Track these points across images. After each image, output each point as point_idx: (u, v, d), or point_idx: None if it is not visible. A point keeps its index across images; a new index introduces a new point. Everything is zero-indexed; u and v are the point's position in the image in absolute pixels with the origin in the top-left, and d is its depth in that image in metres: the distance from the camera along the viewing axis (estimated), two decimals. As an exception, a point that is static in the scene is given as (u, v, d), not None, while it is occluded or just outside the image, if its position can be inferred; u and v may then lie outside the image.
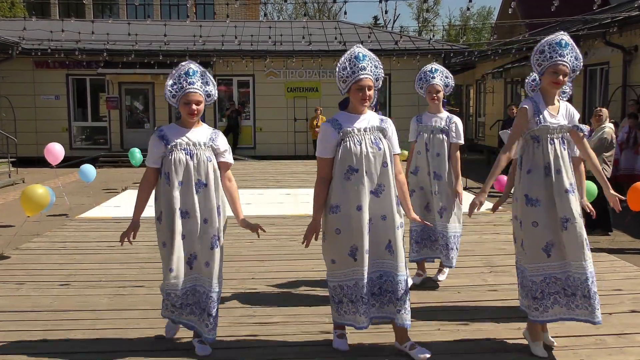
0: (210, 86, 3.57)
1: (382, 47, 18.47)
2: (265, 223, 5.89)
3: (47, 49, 17.15)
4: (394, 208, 3.43)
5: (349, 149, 3.37)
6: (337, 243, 3.43)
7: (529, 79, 4.47)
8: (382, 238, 3.42)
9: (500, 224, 7.58)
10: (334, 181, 3.43)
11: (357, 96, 3.40)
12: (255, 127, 19.09)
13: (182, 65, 3.54)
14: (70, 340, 3.87)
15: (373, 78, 3.44)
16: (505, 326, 4.07)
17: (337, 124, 3.43)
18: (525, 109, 3.55)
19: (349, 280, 3.45)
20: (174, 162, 3.46)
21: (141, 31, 17.51)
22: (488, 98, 21.46)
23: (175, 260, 3.46)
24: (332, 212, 3.42)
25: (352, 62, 3.41)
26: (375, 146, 3.40)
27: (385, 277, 3.45)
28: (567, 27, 15.47)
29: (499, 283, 5.11)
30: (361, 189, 3.35)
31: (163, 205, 3.50)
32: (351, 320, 3.50)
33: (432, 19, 45.62)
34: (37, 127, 18.58)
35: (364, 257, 3.38)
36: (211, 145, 3.56)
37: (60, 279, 5.24)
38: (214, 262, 3.53)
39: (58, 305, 4.55)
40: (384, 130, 3.48)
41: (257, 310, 4.44)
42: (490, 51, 19.38)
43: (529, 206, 3.51)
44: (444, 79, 4.84)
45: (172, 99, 3.50)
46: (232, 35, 16.84)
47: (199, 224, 3.49)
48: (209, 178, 3.50)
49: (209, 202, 3.50)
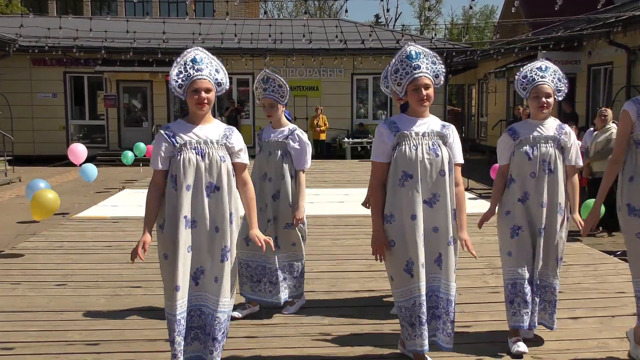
0: (221, 74, 3.20)
1: (384, 46, 18.48)
2: (265, 223, 5.88)
3: (44, 46, 17.14)
4: (449, 221, 3.22)
5: (404, 153, 3.19)
6: (392, 257, 3.24)
7: (519, 75, 3.75)
8: (432, 250, 3.23)
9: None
10: (387, 188, 3.26)
11: (414, 97, 3.23)
12: (254, 126, 19.09)
13: (187, 51, 3.17)
14: (66, 341, 3.87)
15: (431, 75, 3.25)
16: (507, 327, 4.06)
17: (395, 127, 3.25)
18: (627, 112, 3.43)
19: (406, 300, 3.24)
20: (183, 163, 3.07)
21: (140, 29, 17.50)
22: (490, 98, 21.46)
23: (180, 276, 3.06)
24: (386, 222, 3.24)
25: (404, 62, 3.28)
26: (433, 152, 3.21)
27: (431, 292, 3.27)
28: (571, 26, 15.49)
29: (501, 285, 5.09)
30: (415, 196, 3.17)
31: (167, 212, 3.11)
32: (413, 347, 3.26)
33: (434, 18, 45.67)
34: (34, 126, 18.59)
35: (419, 272, 3.17)
36: (225, 143, 3.17)
37: (57, 279, 5.24)
38: (224, 277, 3.14)
39: (54, 306, 4.55)
40: (445, 137, 3.26)
41: (255, 311, 4.44)
42: (492, 50, 19.39)
43: (633, 216, 3.40)
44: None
45: (178, 89, 3.12)
46: (232, 33, 16.84)
47: (209, 234, 3.11)
48: (221, 180, 3.12)
49: (221, 208, 3.12)
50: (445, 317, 3.27)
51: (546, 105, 3.60)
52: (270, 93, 4.27)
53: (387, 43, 19.03)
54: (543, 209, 3.59)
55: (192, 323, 3.17)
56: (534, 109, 3.68)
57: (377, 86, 19.80)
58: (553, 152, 3.61)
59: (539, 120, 3.68)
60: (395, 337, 3.78)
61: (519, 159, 3.63)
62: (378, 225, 3.26)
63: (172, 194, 3.10)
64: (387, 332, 3.98)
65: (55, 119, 18.79)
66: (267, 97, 4.27)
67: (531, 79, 3.66)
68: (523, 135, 3.66)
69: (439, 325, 3.28)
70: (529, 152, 3.61)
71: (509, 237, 3.66)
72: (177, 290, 3.05)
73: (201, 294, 3.16)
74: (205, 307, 3.16)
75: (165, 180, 3.14)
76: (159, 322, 3.97)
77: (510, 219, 3.66)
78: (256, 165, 4.33)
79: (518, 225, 3.64)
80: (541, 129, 3.65)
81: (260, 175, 4.28)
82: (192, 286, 3.14)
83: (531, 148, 3.62)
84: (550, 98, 3.61)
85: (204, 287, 3.15)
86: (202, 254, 3.12)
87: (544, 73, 3.66)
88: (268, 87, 4.28)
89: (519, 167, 3.64)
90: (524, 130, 3.68)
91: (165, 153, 3.12)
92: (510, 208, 3.67)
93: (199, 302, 3.17)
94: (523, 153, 3.62)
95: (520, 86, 3.72)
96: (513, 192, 3.66)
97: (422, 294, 3.19)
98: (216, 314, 3.12)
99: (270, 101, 4.27)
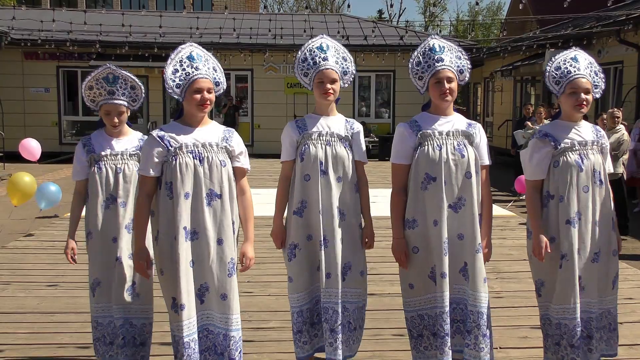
0: (219, 72, 3.09)
1: (387, 42, 18.49)
2: (262, 224, 5.88)
3: (37, 40, 17.13)
4: (475, 227, 3.07)
5: (427, 153, 3.06)
6: (415, 264, 3.14)
7: (550, 67, 3.27)
8: (457, 259, 3.09)
9: (507, 229, 7.57)
10: (409, 191, 3.13)
11: (436, 91, 3.09)
12: (253, 123, 19.10)
13: (181, 47, 3.03)
14: (57, 343, 3.87)
15: (455, 70, 3.13)
16: (512, 334, 4.07)
17: (416, 125, 3.13)
18: None
19: (430, 308, 3.12)
20: (179, 168, 2.90)
21: (135, 22, 17.52)
22: (496, 97, 21.45)
23: (184, 294, 2.88)
24: (408, 228, 3.14)
25: (427, 54, 3.15)
26: (458, 153, 3.06)
27: (456, 304, 3.12)
28: (580, 24, 15.49)
29: (506, 290, 5.11)
30: (439, 200, 3.04)
31: (162, 224, 2.95)
32: (433, 358, 3.13)
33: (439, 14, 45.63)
34: (25, 121, 18.57)
35: (442, 282, 3.04)
36: (225, 147, 3.03)
37: (48, 280, 5.24)
38: (233, 293, 3.00)
39: (45, 307, 4.55)
40: (471, 136, 3.12)
41: (252, 315, 4.44)
42: (499, 48, 19.39)
43: None
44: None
45: (176, 89, 2.95)
46: (231, 27, 16.84)
47: (212, 246, 2.95)
48: (223, 187, 2.98)
49: (224, 217, 2.98)
50: (476, 332, 3.06)
51: (585, 103, 3.13)
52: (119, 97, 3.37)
53: (390, 40, 19.04)
54: (596, 227, 3.17)
55: (200, 346, 3.00)
56: (569, 108, 3.17)
57: (380, 84, 19.84)
58: (600, 159, 3.20)
59: (573, 121, 3.21)
60: (395, 342, 3.77)
61: (566, 170, 3.12)
62: (399, 232, 3.15)
63: (167, 203, 2.93)
64: (388, 337, 3.98)
65: (47, 114, 18.78)
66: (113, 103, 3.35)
67: (566, 71, 3.17)
68: (564, 141, 3.16)
69: (470, 341, 3.07)
70: (579, 161, 3.13)
71: (555, 267, 3.16)
72: (183, 309, 2.88)
73: (207, 312, 3.01)
74: (212, 325, 3.02)
75: (156, 188, 2.98)
76: (154, 325, 3.96)
77: (555, 246, 3.15)
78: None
79: (564, 253, 3.12)
80: (579, 132, 3.20)
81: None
82: (197, 304, 2.97)
83: (580, 157, 3.14)
84: (589, 95, 3.15)
85: (209, 305, 3.00)
86: (205, 269, 2.96)
87: (579, 65, 3.19)
88: (117, 88, 3.38)
89: (566, 180, 3.11)
90: (561, 134, 3.18)
91: (158, 157, 2.93)
92: (554, 233, 3.16)
93: (205, 322, 3.02)
94: (573, 163, 3.12)
95: (553, 80, 3.20)
96: (557, 213, 3.14)
97: (446, 304, 3.04)
98: (230, 333, 2.99)
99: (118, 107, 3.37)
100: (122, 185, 3.30)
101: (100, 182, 3.28)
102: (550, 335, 3.22)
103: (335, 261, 3.19)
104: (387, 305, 4.56)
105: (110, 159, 3.31)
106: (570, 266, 3.09)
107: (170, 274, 2.91)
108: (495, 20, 42.43)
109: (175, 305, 2.91)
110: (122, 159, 3.33)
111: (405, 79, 18.60)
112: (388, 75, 19.47)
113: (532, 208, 3.23)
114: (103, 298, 3.30)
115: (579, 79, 3.13)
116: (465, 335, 3.09)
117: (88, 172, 3.33)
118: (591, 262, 3.15)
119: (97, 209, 3.29)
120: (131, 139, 3.42)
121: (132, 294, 3.29)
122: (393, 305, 4.51)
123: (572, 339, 3.11)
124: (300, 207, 3.26)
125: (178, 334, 2.91)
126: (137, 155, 3.34)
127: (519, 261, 6.05)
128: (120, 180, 3.30)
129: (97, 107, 3.38)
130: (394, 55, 18.28)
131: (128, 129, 3.45)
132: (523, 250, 6.43)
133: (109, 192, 3.29)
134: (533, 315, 4.37)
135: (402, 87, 18.99)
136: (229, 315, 2.99)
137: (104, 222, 3.29)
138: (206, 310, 3.00)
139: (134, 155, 3.36)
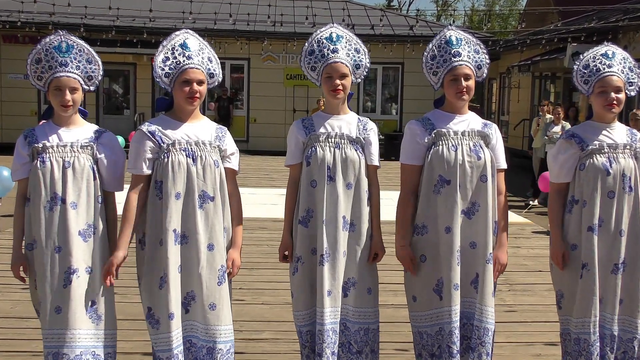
0: (214, 63, 3.05)
1: (396, 33, 18.48)
2: (257, 227, 5.90)
3: (16, 22, 17.14)
4: (489, 235, 3.06)
5: (442, 154, 3.03)
6: (420, 274, 3.11)
7: (579, 64, 3.30)
8: (469, 270, 3.08)
9: (522, 237, 7.57)
10: (420, 195, 3.11)
11: (452, 89, 3.08)
12: (248, 117, 19.10)
13: (176, 34, 3.01)
14: (31, 351, 3.87)
15: (473, 65, 3.12)
16: (525, 351, 4.07)
17: (429, 124, 3.11)
18: None
19: (430, 326, 3.10)
20: (171, 166, 2.88)
21: (123, 5, 17.50)
22: (513, 94, 21.45)
23: (173, 302, 2.87)
24: (417, 234, 3.12)
25: (442, 48, 3.12)
26: (474, 154, 3.05)
27: (465, 319, 3.10)
28: (605, 17, 15.49)
29: (519, 303, 5.11)
30: (453, 205, 3.02)
31: (149, 225, 2.93)
32: None
33: (452, 3, 45.68)
34: (2, 110, 18.58)
35: (451, 294, 3.01)
36: (218, 146, 3.02)
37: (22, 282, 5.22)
38: (224, 302, 2.97)
39: (19, 311, 4.54)
40: (487, 137, 3.12)
41: (244, 325, 4.44)
42: (517, 41, 19.40)
43: None
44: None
45: (165, 79, 2.93)
46: (227, 13, 16.88)
47: (202, 252, 2.93)
48: (216, 189, 2.97)
49: (216, 222, 2.97)
50: (480, 349, 3.05)
51: (616, 102, 3.14)
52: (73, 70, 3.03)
53: (399, 29, 19.03)
54: (622, 237, 3.15)
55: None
56: (599, 108, 3.20)
57: (387, 77, 19.84)
58: (633, 164, 3.18)
59: (605, 122, 3.23)
60: (399, 357, 3.77)
61: (592, 174, 3.13)
62: (404, 239, 3.13)
63: (155, 204, 2.92)
64: (390, 352, 3.98)
65: (26, 102, 18.74)
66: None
67: (595, 69, 3.19)
68: (592, 142, 3.17)
69: (474, 359, 3.06)
70: (607, 165, 3.14)
71: (575, 278, 3.17)
72: (172, 319, 2.86)
73: (191, 322, 2.98)
74: (195, 337, 2.98)
75: (148, 187, 2.96)
76: (138, 333, 3.96)
77: (576, 255, 3.18)
78: None
79: (584, 263, 3.14)
80: (611, 133, 3.21)
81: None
82: (182, 314, 2.95)
83: (608, 160, 3.15)
84: (620, 93, 3.15)
85: (194, 315, 2.97)
86: (193, 276, 2.93)
87: (610, 61, 3.19)
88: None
89: (591, 185, 3.13)
90: (590, 135, 3.19)
91: (150, 154, 2.92)
92: (576, 240, 3.18)
93: (188, 333, 2.98)
94: (600, 166, 3.13)
95: (581, 79, 3.23)
96: (579, 219, 3.17)
97: (455, 320, 3.01)
98: (217, 346, 2.94)
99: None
100: (71, 182, 2.92)
101: (44, 177, 2.90)
102: (569, 353, 3.21)
103: (337, 277, 3.09)
104: (389, 317, 4.55)
105: (57, 150, 2.93)
106: (591, 276, 3.11)
107: (151, 281, 2.91)
108: (514, 10, 42.44)
109: (151, 317, 2.90)
110: (71, 151, 2.94)
111: (414, 72, 18.61)
112: (396, 67, 19.47)
113: (552, 213, 3.28)
114: (57, 324, 2.91)
115: (609, 77, 3.15)
116: (469, 353, 3.07)
117: (30, 169, 2.97)
118: (610, 273, 3.14)
119: (39, 211, 2.92)
120: (85, 130, 3.05)
121: (94, 316, 2.96)
122: (397, 317, 4.51)
123: (590, 356, 3.09)
124: (305, 216, 3.17)
125: (166, 348, 2.87)
126: (90, 148, 2.98)
127: (533, 272, 6.05)
128: (68, 176, 2.92)
129: (44, 86, 2.98)
130: (403, 47, 18.27)
131: (82, 120, 3.10)
132: (538, 261, 6.43)
133: (53, 191, 2.90)
134: (548, 331, 4.38)
135: (411, 81, 18.98)
136: (218, 327, 2.95)
137: (47, 227, 2.92)
138: (190, 321, 2.97)
139: (87, 147, 2.98)
